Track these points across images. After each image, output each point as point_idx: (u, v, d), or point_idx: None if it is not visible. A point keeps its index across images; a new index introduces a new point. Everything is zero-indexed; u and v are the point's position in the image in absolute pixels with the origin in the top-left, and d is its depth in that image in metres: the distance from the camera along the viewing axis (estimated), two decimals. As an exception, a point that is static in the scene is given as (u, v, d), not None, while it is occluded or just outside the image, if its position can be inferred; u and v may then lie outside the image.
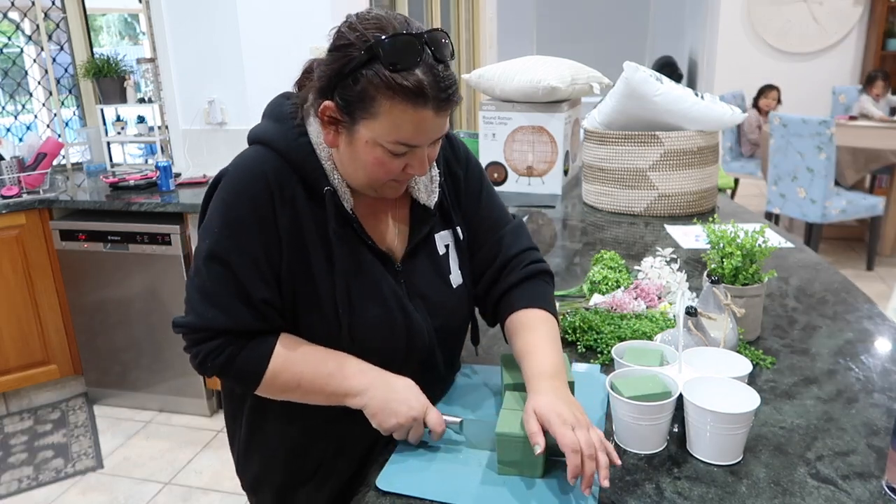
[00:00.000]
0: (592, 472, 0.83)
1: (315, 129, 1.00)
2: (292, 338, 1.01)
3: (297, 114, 1.01)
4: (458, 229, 1.13)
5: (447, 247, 1.13)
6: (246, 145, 1.04)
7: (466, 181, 1.16)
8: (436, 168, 1.11)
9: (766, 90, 5.81)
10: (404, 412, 0.96)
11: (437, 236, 1.12)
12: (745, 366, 1.03)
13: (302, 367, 0.99)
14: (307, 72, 1.04)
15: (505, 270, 1.14)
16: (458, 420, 0.94)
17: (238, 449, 1.19)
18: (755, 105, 5.86)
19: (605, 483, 0.84)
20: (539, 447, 0.88)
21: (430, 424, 0.97)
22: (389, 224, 1.09)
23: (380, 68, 0.89)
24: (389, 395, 0.98)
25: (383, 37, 0.89)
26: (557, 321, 1.11)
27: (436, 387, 1.14)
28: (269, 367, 0.98)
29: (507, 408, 1.01)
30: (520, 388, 1.03)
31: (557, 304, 1.46)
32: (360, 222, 1.03)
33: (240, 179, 0.98)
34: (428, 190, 1.10)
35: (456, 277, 1.13)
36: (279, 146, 0.99)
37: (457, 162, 1.15)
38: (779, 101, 5.81)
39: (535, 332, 1.05)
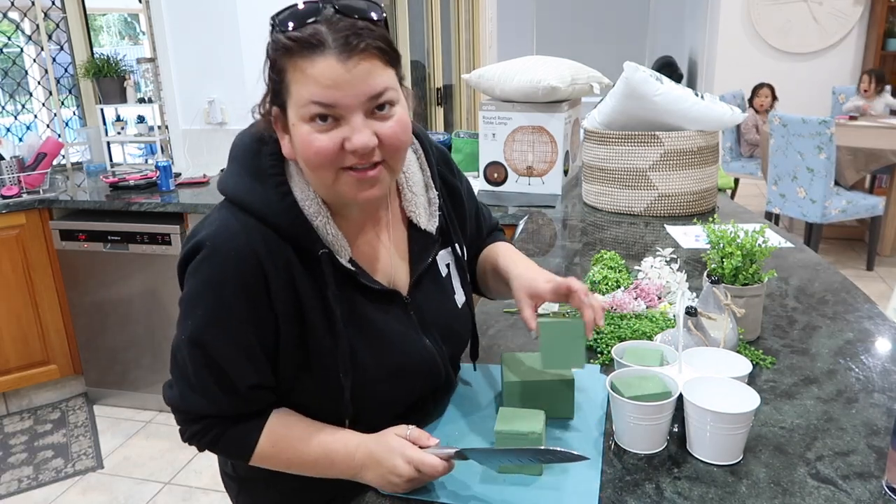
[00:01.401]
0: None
1: (297, 182, 0.92)
2: (280, 417, 0.96)
3: (279, 167, 0.92)
4: (457, 247, 1.10)
5: (448, 266, 1.10)
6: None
7: (464, 193, 1.16)
8: (434, 190, 1.06)
9: (757, 89, 5.74)
10: (399, 482, 0.89)
11: (437, 258, 1.08)
12: (744, 366, 1.03)
13: (289, 453, 0.95)
14: None
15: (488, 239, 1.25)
16: (453, 451, 0.89)
17: (235, 485, 1.14)
18: (751, 105, 5.84)
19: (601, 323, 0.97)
20: (533, 333, 0.97)
21: (428, 475, 0.89)
22: (391, 256, 1.03)
23: (275, 35, 0.85)
24: (380, 471, 0.91)
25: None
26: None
27: (444, 398, 1.13)
28: (256, 450, 0.94)
29: (506, 405, 1.01)
30: (519, 386, 1.04)
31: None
32: (362, 269, 0.97)
33: (225, 259, 0.88)
34: (428, 213, 1.05)
35: (460, 297, 1.11)
36: (264, 214, 0.90)
37: (452, 174, 1.13)
38: (774, 98, 5.75)
39: (497, 247, 1.19)
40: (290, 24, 0.84)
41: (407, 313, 1.02)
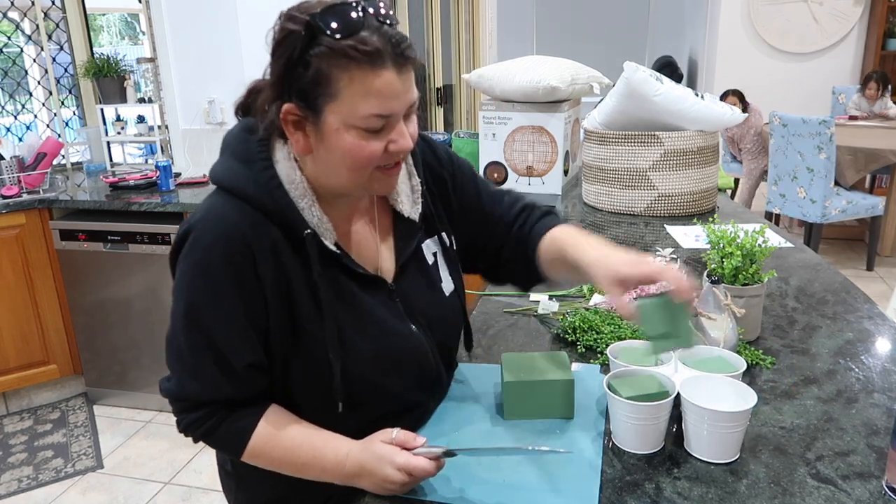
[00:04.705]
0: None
1: (284, 166, 0.94)
2: (274, 416, 0.96)
3: (265, 153, 0.94)
4: (444, 235, 1.10)
5: (435, 255, 1.10)
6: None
7: (456, 181, 1.13)
8: (416, 178, 1.07)
9: (723, 98, 5.49)
10: (392, 488, 0.89)
11: (423, 246, 1.09)
12: (738, 363, 1.03)
13: (279, 452, 0.95)
14: (253, 92, 0.98)
15: (518, 219, 1.16)
16: (442, 450, 0.89)
17: (233, 483, 1.14)
18: None
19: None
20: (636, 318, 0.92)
21: (420, 478, 0.89)
22: (376, 243, 1.04)
23: (326, 40, 0.83)
24: (373, 480, 0.91)
25: (318, 10, 0.84)
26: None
27: (438, 396, 1.12)
28: (248, 447, 0.95)
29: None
30: (519, 385, 1.04)
31: (557, 305, 1.46)
32: (347, 254, 0.98)
33: (213, 240, 0.91)
34: (411, 201, 1.06)
35: (448, 285, 1.11)
36: (251, 195, 0.92)
37: (440, 165, 1.12)
38: (744, 103, 5.43)
39: (572, 234, 1.08)
40: (341, 30, 0.83)
41: (392, 300, 1.03)
